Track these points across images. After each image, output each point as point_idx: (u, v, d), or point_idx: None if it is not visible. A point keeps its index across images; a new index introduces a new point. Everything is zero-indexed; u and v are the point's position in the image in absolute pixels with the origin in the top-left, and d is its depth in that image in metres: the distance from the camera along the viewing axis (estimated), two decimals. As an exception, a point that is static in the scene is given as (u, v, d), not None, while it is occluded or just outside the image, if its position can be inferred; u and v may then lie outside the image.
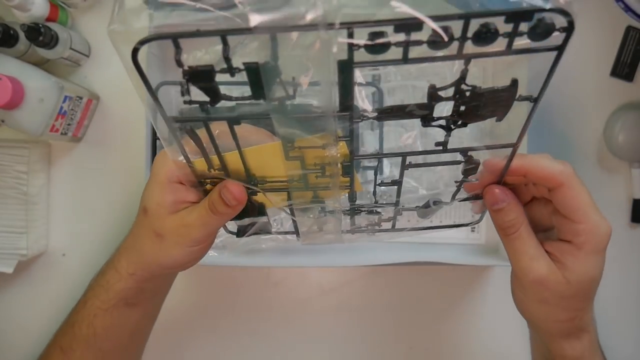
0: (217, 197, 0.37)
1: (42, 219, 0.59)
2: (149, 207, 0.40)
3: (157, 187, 0.40)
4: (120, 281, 0.43)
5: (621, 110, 0.58)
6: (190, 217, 0.39)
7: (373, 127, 0.54)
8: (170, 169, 0.39)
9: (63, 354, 0.46)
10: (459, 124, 0.32)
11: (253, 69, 0.27)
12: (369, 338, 0.61)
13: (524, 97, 0.30)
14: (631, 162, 0.58)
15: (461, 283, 0.60)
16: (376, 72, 0.55)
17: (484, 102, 0.30)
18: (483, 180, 0.37)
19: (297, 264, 0.57)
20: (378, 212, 0.42)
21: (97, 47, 0.59)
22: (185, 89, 0.28)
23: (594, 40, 0.59)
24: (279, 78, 0.29)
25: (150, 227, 0.40)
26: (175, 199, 0.40)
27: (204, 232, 0.39)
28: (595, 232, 0.34)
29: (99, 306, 0.44)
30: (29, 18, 0.52)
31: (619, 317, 0.60)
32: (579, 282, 0.34)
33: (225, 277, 0.61)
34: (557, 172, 0.33)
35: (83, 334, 0.45)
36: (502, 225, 0.36)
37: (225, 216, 0.38)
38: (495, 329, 0.60)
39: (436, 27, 0.24)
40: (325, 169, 0.36)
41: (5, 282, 0.60)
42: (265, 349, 0.61)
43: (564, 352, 0.38)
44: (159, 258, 0.41)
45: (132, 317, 0.47)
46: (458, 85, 0.29)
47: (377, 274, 0.60)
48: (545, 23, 0.26)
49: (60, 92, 0.52)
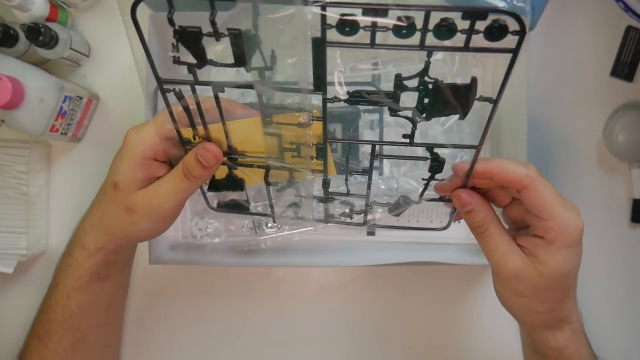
0: (193, 161, 0.38)
1: (42, 219, 0.59)
2: (120, 182, 0.41)
3: (131, 162, 0.40)
4: (89, 257, 0.44)
5: (621, 110, 0.58)
6: (162, 187, 0.40)
7: (373, 127, 0.54)
8: (146, 144, 0.40)
9: (40, 342, 0.46)
10: (424, 117, 0.33)
11: (235, 34, 0.29)
12: (369, 338, 0.61)
13: (484, 98, 0.32)
14: (631, 162, 0.58)
15: (461, 283, 0.60)
16: (376, 72, 0.55)
17: (446, 98, 0.31)
18: (453, 183, 0.39)
19: (297, 263, 0.57)
20: (350, 202, 0.44)
21: (97, 47, 0.59)
22: (175, 48, 0.31)
23: (594, 40, 0.59)
24: (259, 48, 0.31)
25: (121, 202, 0.41)
26: (147, 175, 0.41)
27: (175, 200, 0.40)
28: (564, 228, 0.35)
29: (71, 286, 0.45)
30: (29, 18, 0.52)
31: (619, 316, 0.60)
32: (552, 275, 0.36)
33: (225, 276, 0.61)
34: (522, 175, 0.35)
35: (58, 317, 0.46)
36: (472, 225, 0.39)
37: (198, 180, 0.39)
38: (495, 328, 0.60)
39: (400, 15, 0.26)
40: (300, 150, 0.37)
41: (5, 282, 0.60)
42: (265, 349, 0.61)
43: (547, 342, 0.40)
44: (129, 232, 0.42)
45: (105, 291, 0.48)
46: (422, 76, 0.31)
47: (377, 274, 0.60)
48: (500, 25, 0.27)
49: (60, 92, 0.52)
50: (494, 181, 0.37)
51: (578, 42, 0.59)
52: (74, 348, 0.47)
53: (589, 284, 0.57)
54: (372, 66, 0.54)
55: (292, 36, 0.30)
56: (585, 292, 0.56)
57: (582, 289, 0.40)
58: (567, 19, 0.59)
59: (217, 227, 0.57)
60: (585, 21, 0.59)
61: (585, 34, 0.59)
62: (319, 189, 0.42)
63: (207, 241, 0.57)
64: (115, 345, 0.57)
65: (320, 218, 0.45)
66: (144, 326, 0.61)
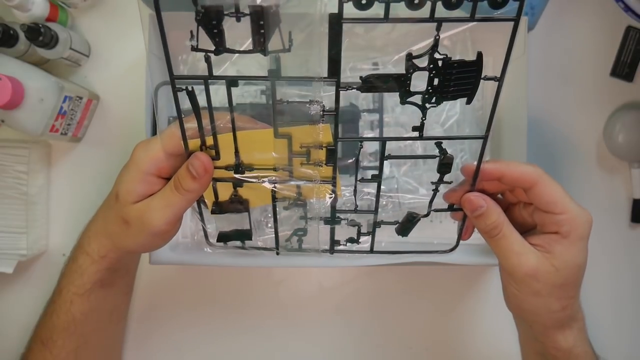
0: (184, 172, 0.38)
1: (42, 219, 0.59)
2: (120, 193, 0.41)
3: (135, 175, 0.40)
4: (93, 264, 0.44)
5: (621, 110, 0.58)
6: (154, 200, 0.40)
7: (373, 127, 0.54)
8: (152, 159, 0.40)
9: (44, 347, 0.46)
10: (433, 103, 0.34)
11: (257, 11, 0.30)
12: (369, 338, 0.61)
13: (489, 77, 0.33)
14: (631, 162, 0.58)
15: (461, 283, 0.60)
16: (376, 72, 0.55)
17: (454, 76, 0.32)
18: (462, 189, 0.39)
19: (297, 263, 0.57)
20: (357, 223, 0.44)
21: (97, 47, 0.59)
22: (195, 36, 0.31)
23: (594, 40, 0.59)
24: (279, 27, 0.32)
25: (119, 212, 0.41)
26: (146, 190, 0.40)
27: (166, 215, 0.39)
28: (577, 220, 0.36)
29: (75, 292, 0.45)
30: (29, 18, 0.52)
31: (619, 316, 0.60)
32: (567, 269, 0.37)
33: (225, 276, 0.61)
34: (531, 172, 0.36)
35: (62, 322, 0.46)
36: (485, 228, 0.38)
37: (189, 194, 0.39)
38: (495, 329, 0.60)
39: None
40: (310, 154, 0.37)
41: (5, 282, 0.60)
42: (265, 349, 0.61)
43: (557, 343, 0.40)
44: (125, 243, 0.42)
45: (109, 298, 0.48)
46: (432, 53, 0.32)
47: (377, 274, 0.60)
48: None
49: (60, 92, 0.52)
50: (502, 182, 0.37)
51: (578, 42, 0.59)
52: (76, 353, 0.47)
53: (589, 284, 0.57)
54: (372, 66, 0.54)
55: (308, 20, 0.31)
56: (586, 292, 0.56)
57: (583, 289, 0.40)
58: (567, 19, 0.59)
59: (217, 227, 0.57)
60: (585, 21, 0.59)
61: (585, 34, 0.59)
62: (326, 210, 0.41)
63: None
64: (118, 348, 0.57)
65: (325, 248, 0.45)
66: (144, 326, 0.61)
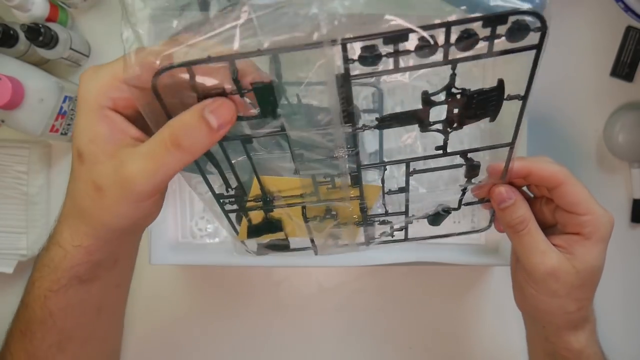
0: (194, 121, 0.27)
1: (42, 219, 0.59)
2: (81, 148, 0.30)
3: (88, 114, 0.29)
4: (66, 258, 0.34)
5: (621, 110, 0.58)
6: (135, 161, 0.29)
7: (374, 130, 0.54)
8: (103, 88, 0.29)
9: (24, 336, 0.39)
10: (455, 127, 0.33)
11: (260, 88, 0.28)
12: (369, 338, 0.61)
13: (512, 97, 0.32)
14: (631, 162, 0.58)
15: (461, 283, 0.60)
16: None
17: (475, 104, 0.31)
18: (490, 183, 0.38)
19: (297, 263, 0.57)
20: (389, 221, 0.43)
21: (97, 47, 0.59)
22: None
23: (593, 40, 0.59)
24: (284, 95, 0.30)
25: (88, 177, 0.30)
26: (112, 132, 0.29)
27: (154, 176, 0.29)
28: (600, 222, 0.36)
29: (48, 287, 0.36)
30: (29, 18, 0.52)
31: (620, 316, 0.60)
32: (586, 271, 0.36)
33: (225, 276, 0.61)
34: (558, 172, 0.36)
35: (38, 316, 0.37)
36: (511, 222, 0.37)
37: (194, 152, 0.28)
38: (495, 328, 0.60)
39: (424, 34, 0.26)
40: (334, 180, 0.37)
41: (5, 282, 0.60)
42: (265, 348, 0.61)
43: (569, 344, 0.39)
44: (101, 217, 0.31)
45: (93, 293, 0.38)
46: (448, 89, 0.31)
47: (377, 273, 0.60)
48: (520, 24, 0.27)
49: (60, 92, 0.52)
50: (528, 180, 0.37)
51: (578, 42, 0.59)
52: (60, 346, 0.40)
53: (589, 284, 0.58)
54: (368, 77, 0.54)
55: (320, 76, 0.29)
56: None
57: (582, 289, 0.40)
58: (567, 19, 0.59)
59: (217, 227, 0.57)
60: (585, 21, 0.59)
61: (585, 34, 0.59)
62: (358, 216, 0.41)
63: (207, 241, 0.57)
64: (115, 344, 0.50)
65: (361, 242, 0.44)
66: (144, 326, 0.61)
